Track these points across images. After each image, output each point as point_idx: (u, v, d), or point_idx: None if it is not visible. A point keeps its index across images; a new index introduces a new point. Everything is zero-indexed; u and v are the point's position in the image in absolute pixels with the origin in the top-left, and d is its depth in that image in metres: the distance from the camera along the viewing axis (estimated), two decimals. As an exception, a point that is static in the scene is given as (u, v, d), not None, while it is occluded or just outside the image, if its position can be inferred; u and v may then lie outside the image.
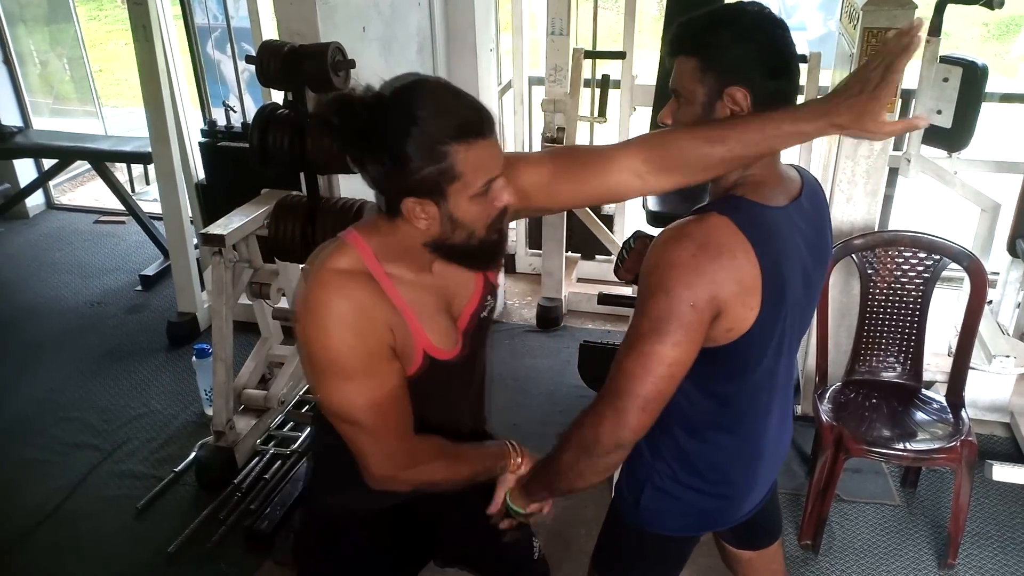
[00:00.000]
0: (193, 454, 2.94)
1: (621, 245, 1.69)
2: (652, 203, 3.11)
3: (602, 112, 3.66)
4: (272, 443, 3.00)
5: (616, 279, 1.77)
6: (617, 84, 3.67)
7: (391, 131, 1.15)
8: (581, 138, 3.70)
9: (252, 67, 2.24)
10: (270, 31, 3.37)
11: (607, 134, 3.97)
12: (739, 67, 1.22)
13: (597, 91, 3.67)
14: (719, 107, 1.24)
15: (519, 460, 1.49)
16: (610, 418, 1.22)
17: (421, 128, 1.14)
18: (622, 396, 1.21)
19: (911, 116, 3.12)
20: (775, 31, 1.24)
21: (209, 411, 3.05)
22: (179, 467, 2.91)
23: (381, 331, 1.25)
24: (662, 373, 1.19)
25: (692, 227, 1.21)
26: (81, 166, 5.13)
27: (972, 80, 3.02)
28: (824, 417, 2.46)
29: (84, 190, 5.48)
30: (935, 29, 3.00)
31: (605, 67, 3.72)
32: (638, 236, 1.65)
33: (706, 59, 1.24)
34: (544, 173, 1.37)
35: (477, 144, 1.17)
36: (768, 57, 1.23)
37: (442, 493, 1.42)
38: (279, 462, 2.91)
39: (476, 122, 1.17)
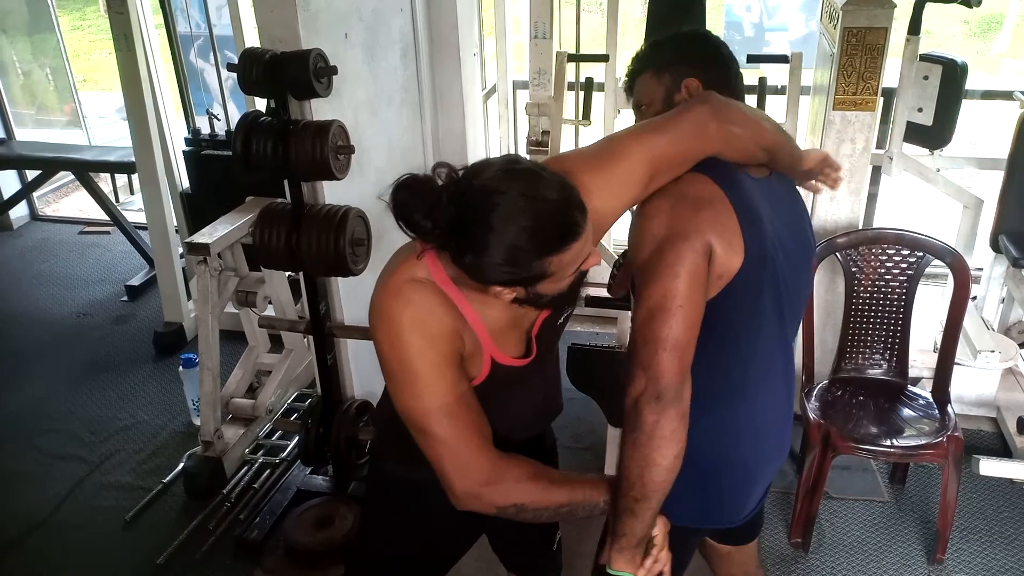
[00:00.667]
0: (181, 464, 2.93)
1: (612, 264, 1.71)
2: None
3: (586, 115, 3.67)
4: (261, 452, 2.99)
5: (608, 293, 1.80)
6: (601, 87, 3.67)
7: (476, 242, 1.13)
8: (566, 141, 3.70)
9: (235, 75, 2.24)
10: (253, 38, 3.36)
11: (592, 137, 3.97)
12: (686, 63, 1.43)
13: (581, 94, 3.67)
14: (677, 97, 1.42)
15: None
16: (640, 375, 1.21)
17: (507, 243, 1.11)
18: (645, 345, 1.22)
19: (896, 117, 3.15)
20: (706, 37, 1.51)
21: (197, 421, 3.04)
22: (167, 478, 2.90)
23: (450, 336, 1.25)
24: (677, 313, 1.21)
25: (670, 186, 1.30)
26: (65, 177, 5.11)
27: (952, 78, 3.05)
28: (811, 415, 2.47)
29: (68, 201, 5.45)
30: (914, 27, 3.03)
31: (589, 70, 3.72)
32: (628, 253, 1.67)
33: (658, 67, 1.45)
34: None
35: (568, 249, 1.15)
36: (706, 53, 1.46)
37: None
38: (268, 471, 2.90)
39: (566, 232, 1.14)
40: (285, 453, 2.97)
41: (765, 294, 1.35)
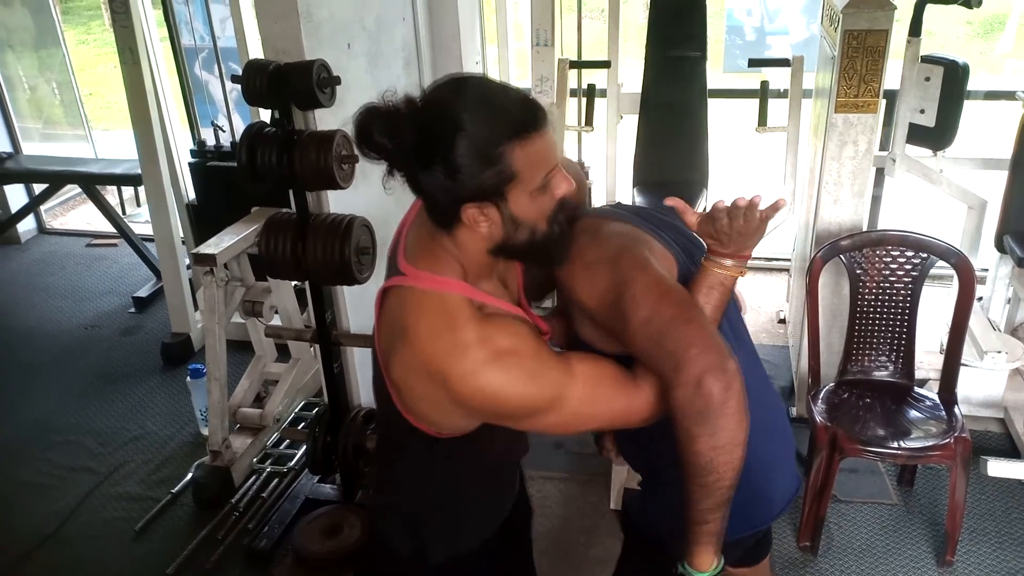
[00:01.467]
0: (190, 474, 2.94)
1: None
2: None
3: (588, 121, 3.69)
4: (269, 461, 3.00)
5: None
6: (603, 93, 3.69)
7: (441, 142, 1.11)
8: (569, 147, 3.72)
9: (240, 86, 2.25)
10: (256, 50, 3.38)
11: (594, 143, 3.98)
12: None
13: (583, 100, 3.69)
14: None
15: None
16: (687, 357, 1.14)
17: (471, 134, 1.10)
18: (672, 333, 1.16)
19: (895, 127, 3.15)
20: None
21: (205, 431, 3.05)
22: (176, 488, 2.91)
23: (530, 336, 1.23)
24: (674, 287, 1.23)
25: (585, 235, 1.30)
26: (72, 190, 5.14)
27: (954, 79, 3.05)
28: (818, 418, 2.47)
29: (75, 214, 5.48)
30: (915, 29, 3.03)
31: (591, 76, 3.74)
32: None
33: None
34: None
35: (531, 139, 1.13)
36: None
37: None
38: (276, 480, 2.91)
39: (528, 117, 1.14)
40: (293, 462, 2.98)
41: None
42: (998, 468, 2.47)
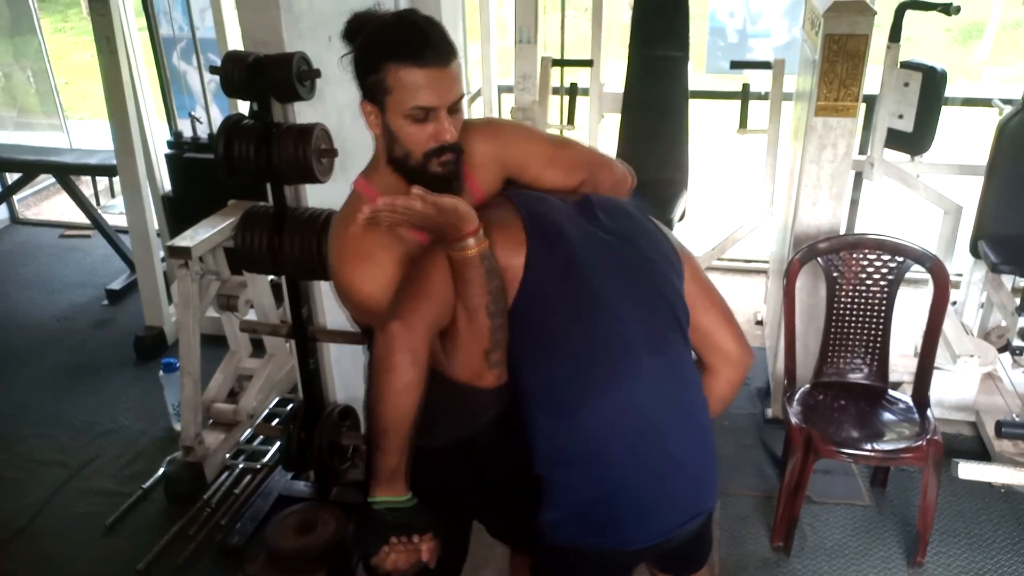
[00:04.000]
0: (162, 470, 2.90)
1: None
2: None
3: (571, 119, 3.69)
4: (242, 457, 2.97)
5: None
6: (585, 92, 3.69)
7: (360, 38, 1.37)
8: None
9: (218, 77, 2.23)
10: (236, 41, 3.35)
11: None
12: None
13: (566, 99, 3.69)
14: None
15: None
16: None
17: (371, 39, 1.35)
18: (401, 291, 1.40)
19: (875, 121, 3.18)
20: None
21: (177, 426, 3.01)
22: (148, 483, 2.87)
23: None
24: (420, 274, 1.41)
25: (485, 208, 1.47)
26: (45, 180, 5.07)
27: (932, 85, 3.08)
28: (793, 419, 2.48)
29: (49, 204, 5.41)
30: (895, 35, 3.06)
31: (573, 75, 3.74)
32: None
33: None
34: (540, 156, 1.53)
35: (411, 69, 1.32)
36: None
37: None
38: (249, 476, 2.89)
39: (416, 49, 1.32)
40: (267, 458, 2.95)
41: (573, 293, 1.39)
42: (969, 471, 2.49)
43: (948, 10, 2.91)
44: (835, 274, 2.58)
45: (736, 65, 3.77)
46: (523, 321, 1.39)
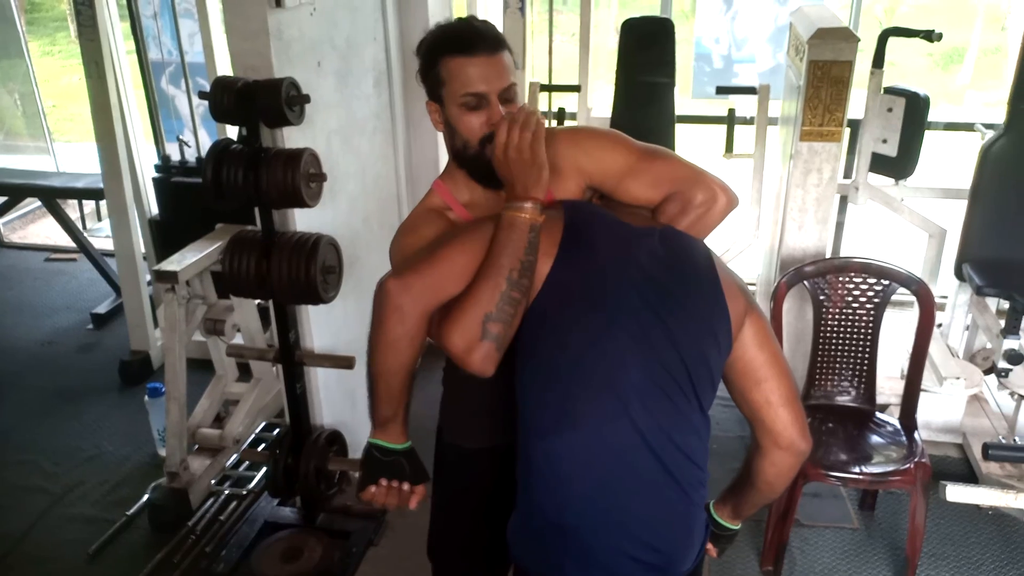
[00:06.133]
0: (146, 496, 2.87)
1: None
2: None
3: (558, 144, 3.70)
4: (227, 483, 2.95)
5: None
6: (573, 116, 3.72)
7: (424, 44, 1.45)
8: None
9: (207, 102, 2.23)
10: (225, 66, 3.36)
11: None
12: None
13: (554, 123, 3.71)
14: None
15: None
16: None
17: (428, 42, 1.44)
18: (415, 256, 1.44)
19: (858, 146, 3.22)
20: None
21: (162, 452, 2.98)
22: (132, 510, 2.84)
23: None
24: (444, 241, 1.43)
25: None
26: (31, 203, 5.04)
27: (915, 110, 3.12)
28: (782, 443, 2.48)
29: (35, 227, 5.38)
30: (878, 61, 3.10)
31: (561, 100, 3.77)
32: None
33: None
34: (620, 166, 1.49)
35: (461, 59, 1.39)
36: None
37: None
38: (235, 503, 2.85)
39: (464, 40, 1.39)
40: (252, 484, 2.92)
41: (582, 315, 1.34)
42: (957, 493, 2.49)
43: (931, 37, 2.95)
44: (821, 297, 2.60)
45: (722, 91, 3.81)
46: (534, 326, 1.35)
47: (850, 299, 2.59)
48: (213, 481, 2.92)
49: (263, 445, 3.08)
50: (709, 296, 1.38)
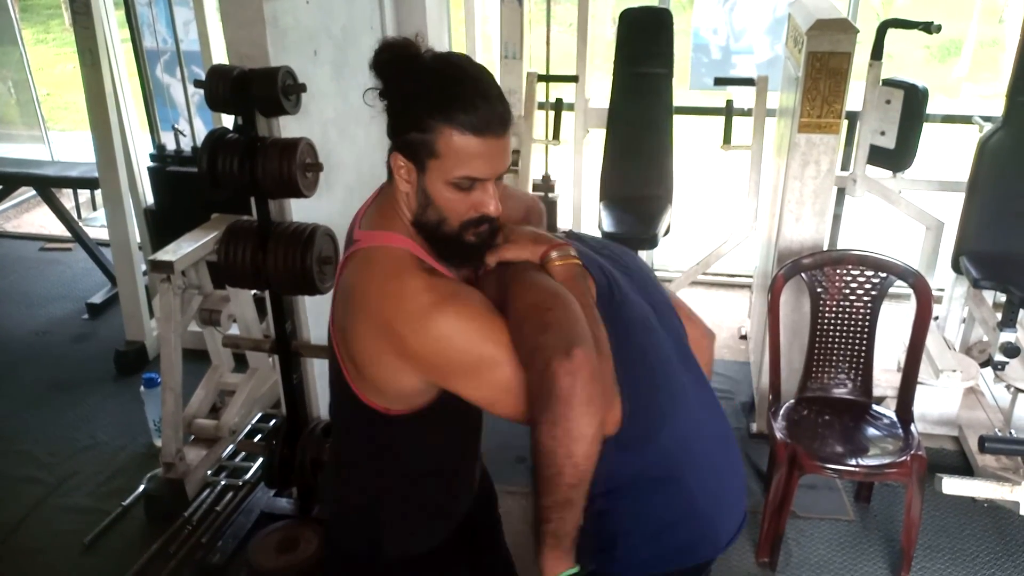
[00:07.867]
0: (142, 486, 2.86)
1: None
2: (607, 225, 3.13)
3: (556, 135, 3.70)
4: (223, 474, 2.94)
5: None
6: (571, 107, 3.70)
7: (410, 86, 1.20)
8: (536, 160, 3.72)
9: (202, 91, 2.21)
10: (220, 54, 3.34)
11: (561, 156, 3.99)
12: None
13: (551, 114, 3.70)
14: None
15: None
16: (542, 337, 1.22)
17: (427, 96, 1.18)
18: (538, 314, 1.20)
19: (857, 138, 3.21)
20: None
21: (158, 442, 2.98)
22: (127, 500, 2.83)
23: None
24: (550, 288, 1.27)
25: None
26: (26, 192, 5.02)
27: (913, 102, 3.12)
28: (778, 435, 2.48)
29: (29, 216, 5.35)
30: (877, 53, 3.09)
31: (558, 90, 3.75)
32: None
33: None
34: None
35: (467, 138, 1.17)
36: None
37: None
38: (231, 493, 2.85)
39: (476, 117, 1.17)
40: (248, 475, 2.92)
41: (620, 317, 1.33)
42: (952, 486, 2.50)
43: (929, 29, 2.94)
44: (819, 289, 2.59)
45: (720, 82, 3.80)
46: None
47: (847, 291, 2.59)
48: (209, 472, 2.91)
49: (259, 436, 3.08)
50: (637, 260, 1.50)
